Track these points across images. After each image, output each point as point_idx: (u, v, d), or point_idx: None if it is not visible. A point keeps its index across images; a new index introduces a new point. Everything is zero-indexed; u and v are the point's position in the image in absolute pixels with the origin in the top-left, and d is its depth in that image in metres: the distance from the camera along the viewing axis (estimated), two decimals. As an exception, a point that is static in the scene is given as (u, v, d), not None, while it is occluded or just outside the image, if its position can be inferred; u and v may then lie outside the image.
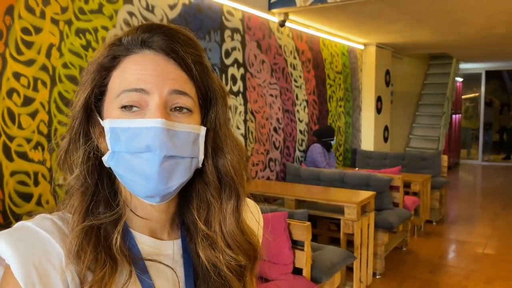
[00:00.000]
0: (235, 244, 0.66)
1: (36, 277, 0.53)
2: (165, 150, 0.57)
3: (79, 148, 0.62)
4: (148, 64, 0.59)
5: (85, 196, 0.60)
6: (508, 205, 6.30)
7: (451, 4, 3.94)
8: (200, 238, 0.65)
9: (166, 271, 0.64)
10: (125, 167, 0.59)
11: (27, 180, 2.22)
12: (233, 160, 0.66)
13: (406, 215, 3.87)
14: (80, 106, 0.61)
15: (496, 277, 3.61)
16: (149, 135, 0.57)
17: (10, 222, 2.14)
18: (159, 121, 0.57)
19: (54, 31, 2.32)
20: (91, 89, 0.61)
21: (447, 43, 6.23)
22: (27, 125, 2.21)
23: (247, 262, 0.67)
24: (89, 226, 0.58)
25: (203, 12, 3.34)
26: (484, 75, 10.25)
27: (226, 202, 0.66)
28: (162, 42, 0.60)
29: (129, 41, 0.61)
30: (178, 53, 0.60)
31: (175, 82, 0.60)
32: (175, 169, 0.59)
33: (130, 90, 0.58)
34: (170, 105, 0.60)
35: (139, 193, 0.60)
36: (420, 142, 7.99)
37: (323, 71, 5.15)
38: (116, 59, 0.61)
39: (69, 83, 2.41)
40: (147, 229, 0.65)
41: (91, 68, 0.62)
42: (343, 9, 4.02)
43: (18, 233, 0.56)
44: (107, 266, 0.56)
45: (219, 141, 0.66)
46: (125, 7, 2.72)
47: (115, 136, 0.59)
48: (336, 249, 2.82)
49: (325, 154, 4.58)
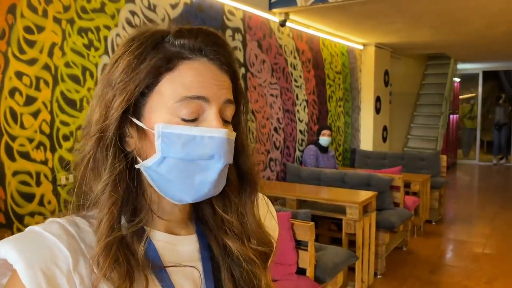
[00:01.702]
0: (256, 236, 0.68)
1: (43, 280, 0.52)
2: (227, 159, 0.60)
3: (112, 153, 0.59)
4: (206, 72, 0.60)
5: (115, 205, 0.58)
6: (507, 204, 6.33)
7: (450, 5, 3.95)
8: (228, 229, 0.67)
9: (185, 267, 0.64)
10: (178, 173, 0.59)
11: (29, 180, 2.20)
12: (251, 159, 0.69)
13: (407, 215, 3.87)
14: (120, 108, 0.58)
15: (496, 276, 3.62)
16: (214, 144, 0.58)
17: (12, 222, 2.12)
18: (223, 132, 0.59)
19: (56, 30, 2.31)
20: (138, 90, 0.58)
21: (445, 43, 6.25)
22: (29, 124, 2.20)
23: (269, 251, 0.70)
24: (114, 237, 0.57)
25: (205, 11, 3.33)
26: (482, 76, 10.29)
27: (245, 196, 0.68)
28: (217, 53, 0.62)
29: (184, 44, 0.60)
30: (229, 64, 0.63)
31: (228, 92, 0.62)
32: (225, 175, 0.62)
33: (193, 97, 0.58)
34: (221, 114, 0.62)
35: (184, 198, 0.60)
36: (418, 142, 8.01)
37: (323, 71, 5.15)
38: (171, 62, 0.59)
39: (71, 82, 2.39)
40: (164, 226, 0.65)
41: (136, 67, 0.58)
42: (344, 9, 4.02)
43: (25, 238, 0.56)
44: (128, 276, 0.56)
45: (241, 141, 0.68)
46: (127, 6, 2.70)
47: (169, 142, 0.58)
48: (339, 249, 2.81)
49: (318, 156, 4.48)
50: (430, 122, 8.04)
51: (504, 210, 5.96)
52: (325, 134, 4.48)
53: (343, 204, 3.15)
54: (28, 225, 2.19)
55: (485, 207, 6.22)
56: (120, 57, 0.60)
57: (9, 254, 0.53)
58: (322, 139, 4.49)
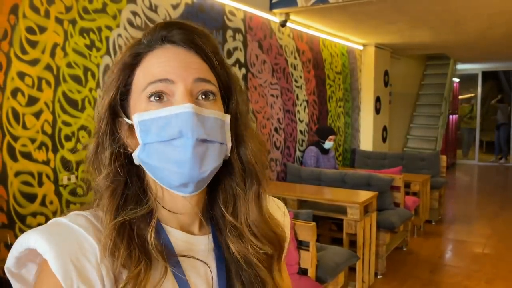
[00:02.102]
0: (260, 233, 0.67)
1: (74, 272, 0.53)
2: (197, 133, 0.58)
3: (107, 148, 0.63)
4: (170, 56, 0.61)
5: (114, 194, 0.61)
6: (506, 204, 6.34)
7: (450, 5, 3.96)
8: (229, 230, 0.67)
9: (199, 265, 0.64)
10: (157, 157, 0.59)
11: (31, 181, 2.20)
12: (253, 148, 0.67)
13: (407, 215, 3.88)
14: (105, 107, 0.62)
15: (496, 277, 3.63)
16: (180, 121, 0.58)
17: (14, 223, 2.12)
18: (188, 106, 0.58)
19: (58, 30, 2.31)
20: (116, 89, 0.63)
21: (445, 43, 6.26)
22: (32, 125, 2.20)
23: (274, 252, 0.68)
24: (121, 223, 0.58)
25: (206, 12, 3.34)
26: (481, 76, 10.30)
27: (249, 190, 0.67)
28: (182, 35, 0.62)
29: (149, 39, 0.63)
30: (198, 45, 0.63)
31: (198, 71, 0.61)
32: (207, 154, 0.60)
33: (155, 81, 0.60)
34: (195, 93, 0.61)
35: (173, 182, 0.60)
36: (418, 142, 8.02)
37: (323, 71, 5.15)
38: (138, 56, 0.63)
39: (73, 82, 2.39)
40: (178, 224, 0.66)
41: (114, 69, 0.64)
42: (344, 9, 4.03)
43: (54, 229, 0.57)
44: (142, 262, 0.57)
45: (240, 129, 0.67)
46: (129, 7, 2.71)
47: (145, 128, 0.60)
48: (340, 249, 2.82)
49: (319, 157, 4.49)
50: (429, 122, 8.05)
51: (503, 210, 5.97)
52: (331, 139, 4.52)
53: (344, 204, 3.15)
54: (30, 225, 2.20)
55: (485, 207, 6.23)
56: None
57: (39, 244, 0.54)
58: (327, 144, 4.51)
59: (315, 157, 4.46)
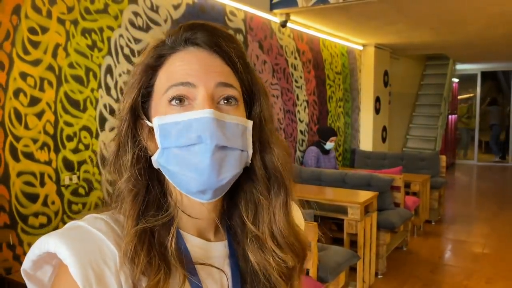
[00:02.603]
0: (285, 242, 0.65)
1: (94, 279, 0.53)
2: (216, 140, 0.56)
3: (128, 151, 0.62)
4: (193, 59, 0.60)
5: (136, 199, 0.60)
6: (505, 205, 6.36)
7: (450, 6, 3.97)
8: (249, 240, 0.65)
9: (214, 272, 0.63)
10: (175, 162, 0.58)
11: (33, 181, 2.21)
12: (279, 155, 0.65)
13: (407, 215, 3.89)
14: (127, 108, 0.62)
15: (496, 276, 3.64)
16: (200, 126, 0.57)
17: (17, 223, 2.13)
18: (208, 111, 0.57)
19: (60, 31, 2.31)
20: (138, 90, 0.62)
21: (444, 44, 6.27)
22: (34, 125, 2.20)
23: (296, 263, 0.66)
24: (142, 230, 0.57)
25: (207, 12, 3.34)
26: (480, 76, 10.32)
27: (275, 198, 0.65)
28: (206, 37, 0.61)
29: (173, 40, 0.62)
30: (222, 48, 0.61)
31: (220, 75, 0.60)
32: (226, 161, 0.58)
33: (177, 84, 0.59)
34: (217, 98, 0.60)
35: (191, 188, 0.58)
36: (417, 142, 8.03)
37: (323, 71, 5.16)
38: (162, 58, 0.62)
39: (75, 83, 2.40)
40: (195, 229, 0.65)
41: (136, 71, 0.63)
42: (344, 10, 4.04)
43: (73, 233, 0.56)
44: (162, 271, 0.56)
45: (265, 135, 0.65)
46: (130, 7, 2.71)
47: (165, 132, 0.59)
48: (341, 249, 2.83)
49: (319, 157, 4.50)
50: (429, 123, 8.06)
51: (503, 210, 5.99)
52: (333, 140, 4.52)
53: (345, 204, 3.16)
54: (32, 225, 2.21)
55: (484, 207, 6.24)
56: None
57: (59, 249, 0.53)
58: (329, 145, 4.52)
59: (315, 157, 4.46)
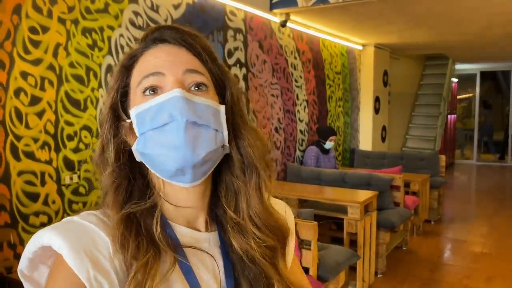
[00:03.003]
0: (262, 223, 0.67)
1: (89, 264, 0.55)
2: (186, 115, 0.59)
3: (111, 149, 0.65)
4: (162, 53, 0.65)
5: (119, 190, 0.63)
6: (504, 204, 6.37)
7: (449, 6, 3.98)
8: (231, 227, 0.67)
9: (205, 259, 0.66)
10: (152, 144, 0.61)
11: (34, 180, 2.21)
12: (250, 139, 0.68)
13: (407, 215, 3.90)
14: (108, 108, 0.66)
15: (496, 275, 3.65)
16: (170, 105, 0.60)
17: (17, 222, 2.13)
18: (177, 91, 0.60)
19: (61, 30, 2.31)
20: (116, 91, 0.67)
21: (444, 44, 6.28)
22: (34, 124, 2.21)
23: (276, 243, 0.68)
24: (127, 217, 0.60)
25: (207, 12, 3.35)
26: (479, 76, 10.34)
27: (249, 181, 0.68)
28: (172, 34, 0.66)
29: (146, 40, 0.68)
30: (188, 41, 0.66)
31: (188, 63, 0.64)
32: (200, 137, 0.61)
33: (147, 75, 0.63)
34: (187, 84, 0.63)
35: (170, 167, 0.60)
36: (417, 142, 8.04)
37: (323, 71, 5.17)
38: (134, 57, 0.67)
39: (76, 82, 2.40)
40: (183, 219, 0.67)
41: (114, 73, 0.69)
42: (344, 10, 4.04)
43: (66, 225, 0.59)
44: (150, 252, 0.58)
45: (237, 122, 0.68)
46: (131, 7, 2.71)
47: (141, 120, 0.62)
48: (341, 248, 2.83)
49: (319, 157, 4.50)
50: (428, 122, 8.07)
51: (502, 209, 6.00)
52: (332, 139, 4.52)
53: (345, 203, 3.16)
54: (33, 224, 2.21)
55: (483, 206, 6.25)
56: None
57: (53, 241, 0.56)
58: (328, 144, 4.52)
59: (315, 157, 4.46)
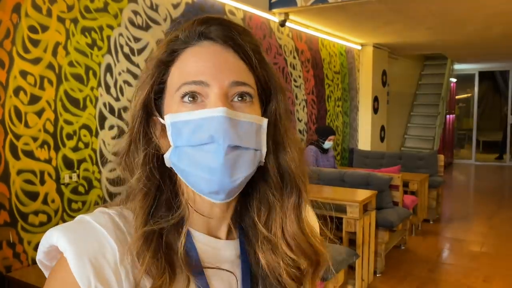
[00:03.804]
0: (296, 245, 0.62)
1: (92, 272, 0.53)
2: (229, 140, 0.55)
3: (140, 149, 0.60)
4: (206, 55, 0.58)
5: (147, 198, 0.59)
6: (503, 203, 6.38)
7: (448, 6, 3.99)
8: (260, 241, 0.63)
9: (222, 272, 0.62)
10: (188, 161, 0.57)
11: (33, 179, 2.21)
12: (294, 155, 0.63)
13: (406, 214, 3.90)
14: (140, 105, 0.60)
15: (494, 275, 3.65)
16: (212, 125, 0.55)
17: (17, 221, 2.13)
18: (221, 110, 0.55)
19: (60, 29, 2.31)
20: (150, 87, 0.60)
21: (443, 43, 6.29)
22: (34, 123, 2.21)
23: (308, 267, 0.64)
24: (150, 230, 0.57)
25: (206, 11, 3.35)
26: (478, 76, 10.36)
27: (287, 199, 0.63)
28: (220, 31, 0.59)
29: (186, 35, 0.60)
30: (236, 42, 0.58)
31: (235, 73, 0.58)
32: (240, 161, 0.56)
33: (189, 83, 0.57)
34: (231, 95, 0.58)
35: (203, 189, 0.57)
36: (416, 141, 8.06)
37: (322, 71, 5.17)
38: (174, 53, 0.60)
39: (75, 81, 2.40)
40: (205, 227, 0.63)
41: (149, 65, 0.61)
42: (343, 9, 4.05)
43: (76, 227, 0.56)
44: (166, 274, 0.55)
45: (280, 134, 0.63)
46: (130, 6, 2.72)
47: (177, 131, 0.57)
48: (340, 247, 2.84)
49: (318, 156, 4.49)
50: (427, 122, 8.08)
51: (500, 209, 6.01)
52: (331, 139, 4.51)
53: (344, 203, 3.17)
54: (32, 223, 2.21)
55: (482, 206, 6.26)
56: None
57: (60, 242, 0.54)
58: (327, 144, 4.52)
59: (314, 157, 4.46)
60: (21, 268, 2.14)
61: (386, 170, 4.26)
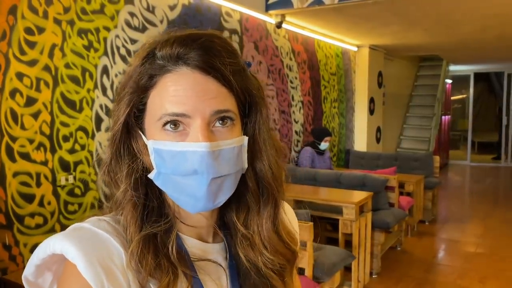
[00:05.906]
0: (272, 247, 0.66)
1: (104, 275, 0.53)
2: (212, 173, 0.56)
3: (123, 163, 0.61)
4: (186, 84, 0.57)
5: (136, 208, 0.60)
6: (498, 204, 6.42)
7: (444, 8, 4.01)
8: (239, 239, 0.66)
9: (213, 272, 0.65)
10: (173, 188, 0.59)
11: (29, 181, 2.20)
12: (271, 164, 0.65)
13: (402, 215, 3.92)
14: (120, 123, 0.60)
15: (489, 275, 3.68)
16: (195, 159, 0.56)
17: (13, 223, 2.12)
18: (204, 145, 0.56)
19: (56, 31, 2.31)
20: (130, 109, 0.60)
21: (438, 45, 6.32)
22: (30, 125, 2.20)
23: (286, 263, 0.68)
24: (146, 234, 0.59)
25: (202, 13, 3.35)
26: (473, 77, 10.42)
27: (263, 207, 0.66)
28: (199, 58, 0.57)
29: (164, 56, 0.58)
30: (216, 67, 0.57)
31: (216, 102, 0.57)
32: (223, 187, 0.59)
33: (171, 115, 0.57)
34: (212, 121, 0.58)
35: (188, 209, 0.61)
36: (411, 143, 8.09)
37: (318, 72, 5.18)
38: (153, 78, 0.59)
39: (71, 83, 2.39)
40: (193, 232, 0.66)
41: (127, 86, 0.60)
42: (339, 11, 4.06)
43: (79, 233, 0.56)
44: (170, 273, 0.57)
45: (258, 145, 0.65)
46: (126, 8, 2.71)
47: (160, 158, 0.58)
48: (336, 249, 2.85)
49: (314, 158, 4.51)
50: (422, 123, 8.12)
51: (495, 210, 6.05)
52: (327, 140, 4.52)
53: (340, 204, 3.18)
54: (28, 226, 2.20)
55: (477, 207, 6.30)
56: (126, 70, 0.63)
57: (66, 250, 0.54)
58: (323, 145, 4.52)
59: (310, 158, 4.47)
60: (17, 270, 2.13)
61: (382, 172, 4.27)
